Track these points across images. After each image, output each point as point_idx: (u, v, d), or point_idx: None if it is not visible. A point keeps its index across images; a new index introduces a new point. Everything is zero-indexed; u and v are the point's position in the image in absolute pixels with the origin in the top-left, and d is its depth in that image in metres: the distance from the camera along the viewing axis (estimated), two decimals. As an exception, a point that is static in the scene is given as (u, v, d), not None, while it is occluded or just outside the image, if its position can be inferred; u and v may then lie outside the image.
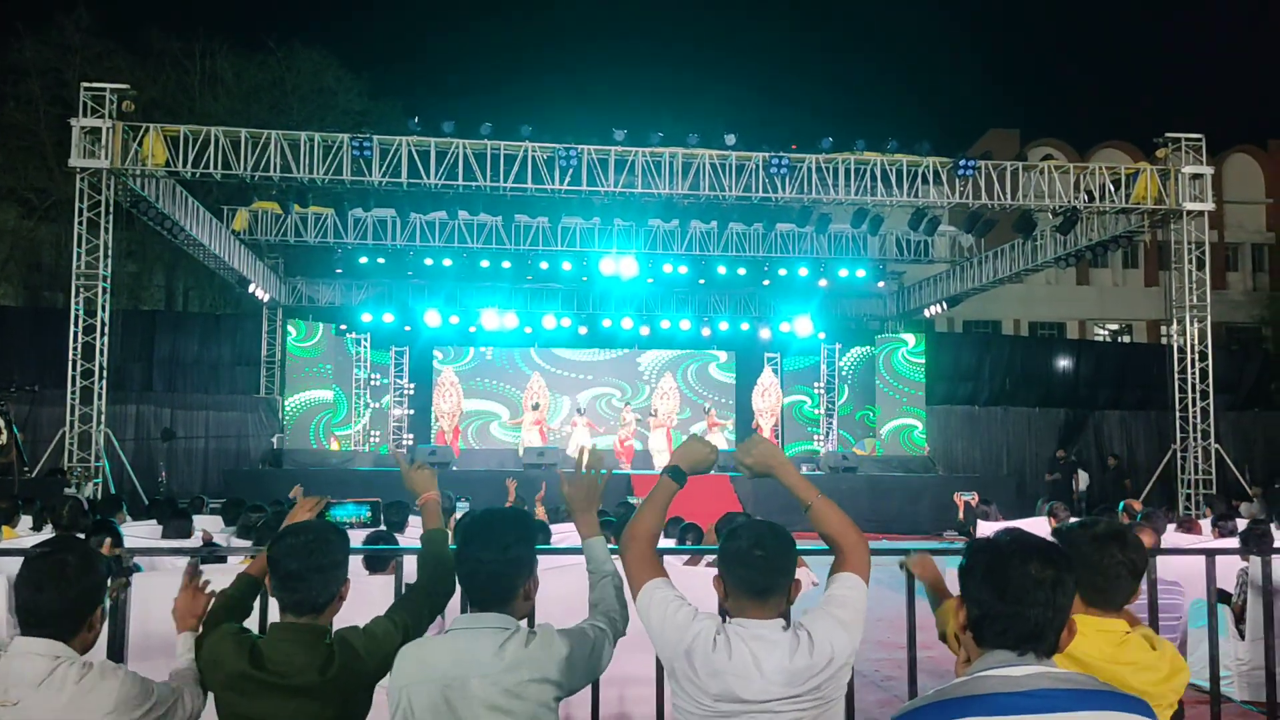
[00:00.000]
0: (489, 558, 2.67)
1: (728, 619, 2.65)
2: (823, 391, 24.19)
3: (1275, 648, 4.17)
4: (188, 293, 31.09)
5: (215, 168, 15.92)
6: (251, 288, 21.35)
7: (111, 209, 15.77)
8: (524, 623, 2.75)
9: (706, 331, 24.05)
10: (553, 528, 8.45)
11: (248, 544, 6.40)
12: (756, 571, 2.61)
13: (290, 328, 22.30)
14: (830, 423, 24.06)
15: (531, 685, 2.59)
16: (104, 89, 15.71)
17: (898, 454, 22.52)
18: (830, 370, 24.12)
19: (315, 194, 17.87)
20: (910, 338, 23.79)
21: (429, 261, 21.79)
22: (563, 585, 3.95)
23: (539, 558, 2.83)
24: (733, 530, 2.73)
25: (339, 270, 22.70)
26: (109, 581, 2.99)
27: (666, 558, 4.34)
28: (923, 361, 23.39)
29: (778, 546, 2.64)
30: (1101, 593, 2.73)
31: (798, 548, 2.73)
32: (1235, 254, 38.06)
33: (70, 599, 2.64)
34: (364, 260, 21.86)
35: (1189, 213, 17.90)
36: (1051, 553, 1.99)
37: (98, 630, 2.74)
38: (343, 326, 22.82)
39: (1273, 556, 6.40)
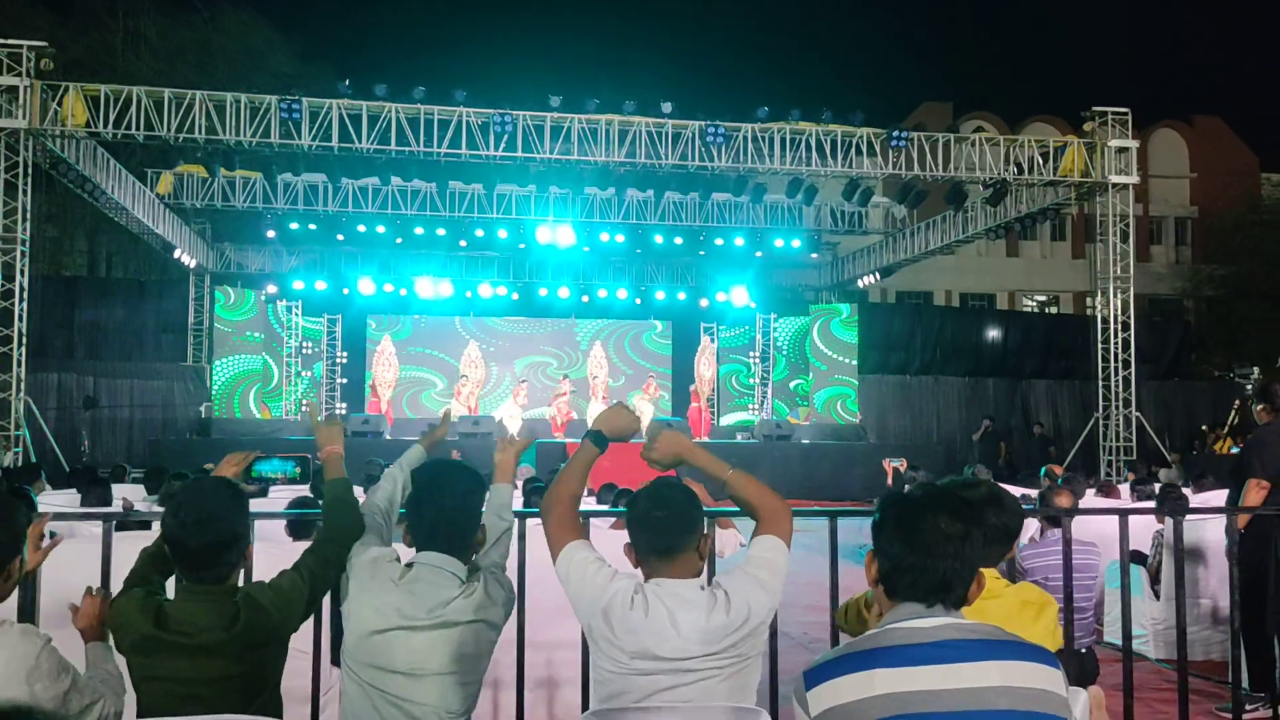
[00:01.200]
0: (450, 505, 2.82)
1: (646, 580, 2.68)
2: (757, 361, 24.38)
3: (1186, 606, 4.32)
4: (111, 258, 30.29)
5: (138, 129, 15.49)
6: (177, 253, 20.88)
7: (30, 171, 15.34)
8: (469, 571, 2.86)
9: (642, 302, 24.07)
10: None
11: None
12: (657, 533, 2.65)
13: (219, 294, 21.85)
14: (765, 392, 24.27)
15: (483, 629, 2.76)
16: (21, 46, 15.20)
17: (830, 423, 22.82)
18: (765, 340, 24.30)
19: (243, 158, 17.45)
20: (844, 308, 24.06)
21: (361, 228, 21.45)
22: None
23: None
24: (634, 495, 2.78)
25: (269, 236, 22.23)
26: (41, 537, 3.00)
27: (595, 521, 4.37)
28: (856, 331, 23.68)
29: (678, 505, 2.68)
30: None
31: (724, 509, 2.77)
32: (1159, 227, 39.01)
33: None
34: (294, 226, 21.46)
35: (1114, 186, 18.28)
36: (961, 507, 2.03)
37: (14, 580, 2.65)
38: (272, 290, 22.39)
39: (1185, 519, 6.63)
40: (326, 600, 4.70)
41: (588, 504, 6.77)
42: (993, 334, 27.73)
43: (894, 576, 2.02)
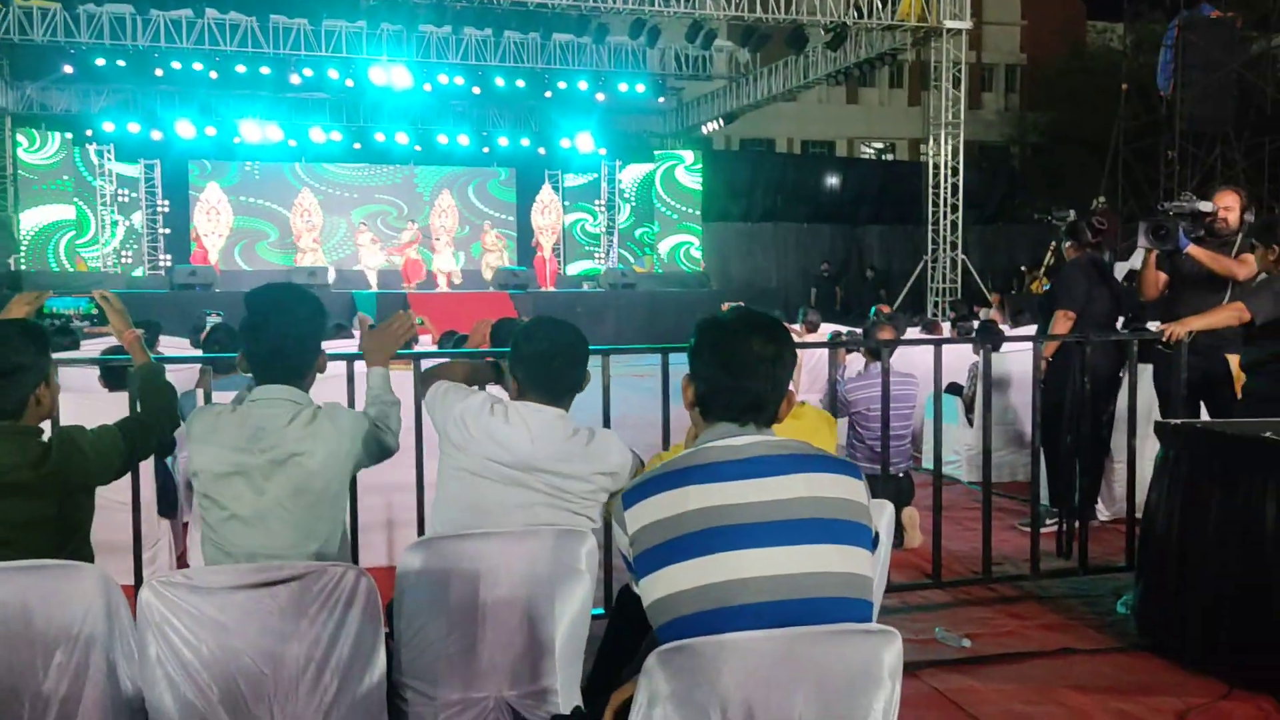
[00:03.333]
0: (291, 331, 2.71)
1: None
2: (603, 209, 24.22)
3: (993, 431, 4.60)
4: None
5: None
6: (-31, 92, 19.09)
7: None
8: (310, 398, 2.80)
9: (486, 149, 23.42)
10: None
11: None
12: (554, 378, 2.77)
13: (20, 137, 20.16)
14: (611, 241, 24.23)
15: (327, 454, 2.68)
16: None
17: (676, 271, 23.04)
18: (611, 188, 24.11)
19: (37, -16, 15.86)
20: (689, 155, 24.00)
21: (177, 65, 19.89)
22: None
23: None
24: (530, 331, 2.83)
25: (72, 73, 20.43)
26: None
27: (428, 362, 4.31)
28: (700, 179, 23.73)
29: (577, 349, 2.82)
30: None
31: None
32: (990, 75, 40.00)
33: None
34: (101, 63, 19.73)
35: (948, 31, 18.58)
36: (774, 329, 2.07)
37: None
38: (88, 133, 20.78)
39: (1000, 351, 7.02)
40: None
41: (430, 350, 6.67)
42: (831, 181, 28.25)
43: (709, 398, 2.06)
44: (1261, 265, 4.68)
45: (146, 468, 4.21)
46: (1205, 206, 5.12)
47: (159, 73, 20.22)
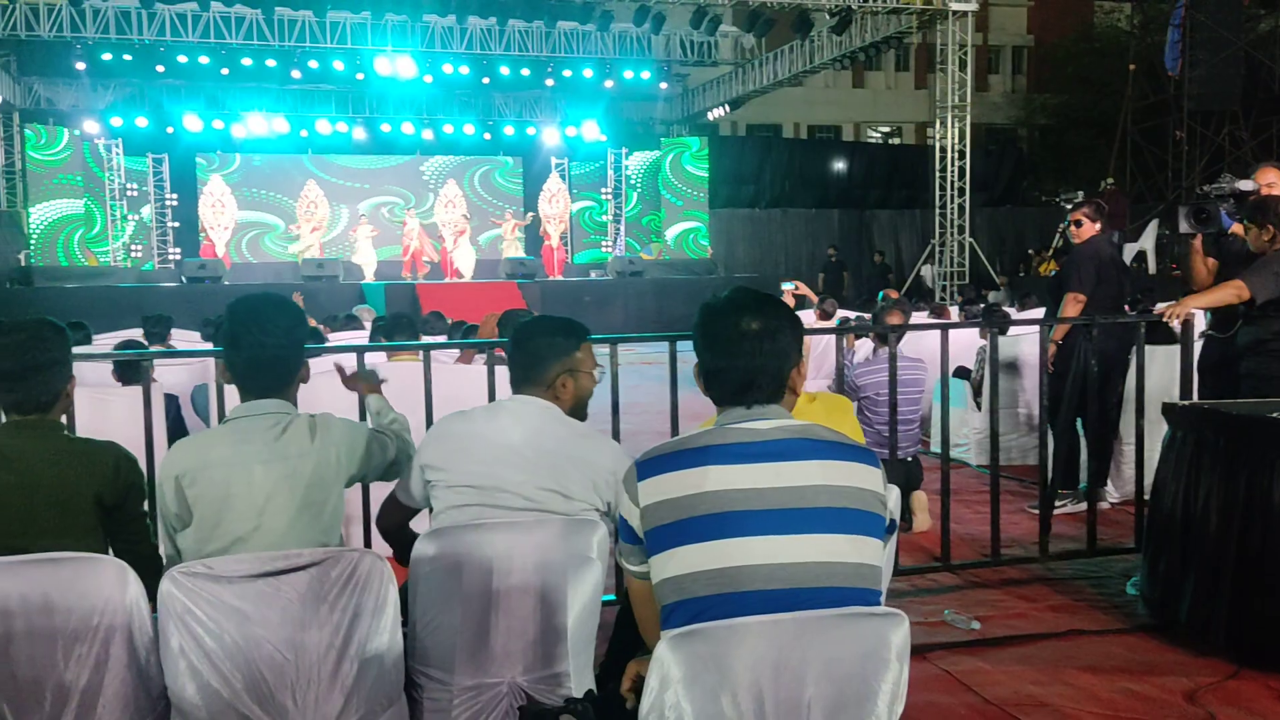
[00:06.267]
0: (272, 341, 2.64)
1: None
2: (610, 197, 24.20)
3: (1001, 414, 4.62)
4: (-99, 95, 27.53)
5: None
6: (-22, 89, 19.13)
7: None
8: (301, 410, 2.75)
9: (490, 137, 23.42)
10: (330, 335, 8.29)
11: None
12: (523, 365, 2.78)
13: (29, 134, 20.21)
14: (618, 228, 24.21)
15: (318, 464, 2.62)
16: None
17: (682, 257, 23.01)
18: (617, 175, 24.09)
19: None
20: (694, 142, 23.95)
21: (183, 59, 19.93)
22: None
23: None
24: (521, 327, 2.87)
25: (79, 68, 20.47)
26: None
27: (437, 354, 4.34)
28: (707, 165, 23.68)
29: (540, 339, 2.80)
30: None
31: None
32: (997, 56, 39.81)
33: None
34: (108, 57, 19.77)
35: (954, 13, 18.49)
36: (762, 305, 2.05)
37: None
38: (92, 128, 20.80)
39: (1008, 334, 7.03)
40: (164, 445, 4.59)
41: (437, 339, 6.71)
42: (838, 166, 28.17)
43: (709, 381, 2.07)
44: (1255, 245, 4.63)
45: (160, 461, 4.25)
46: (1246, 185, 4.99)
47: (164, 68, 20.27)
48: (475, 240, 21.47)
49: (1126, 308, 7.03)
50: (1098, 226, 5.91)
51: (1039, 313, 9.26)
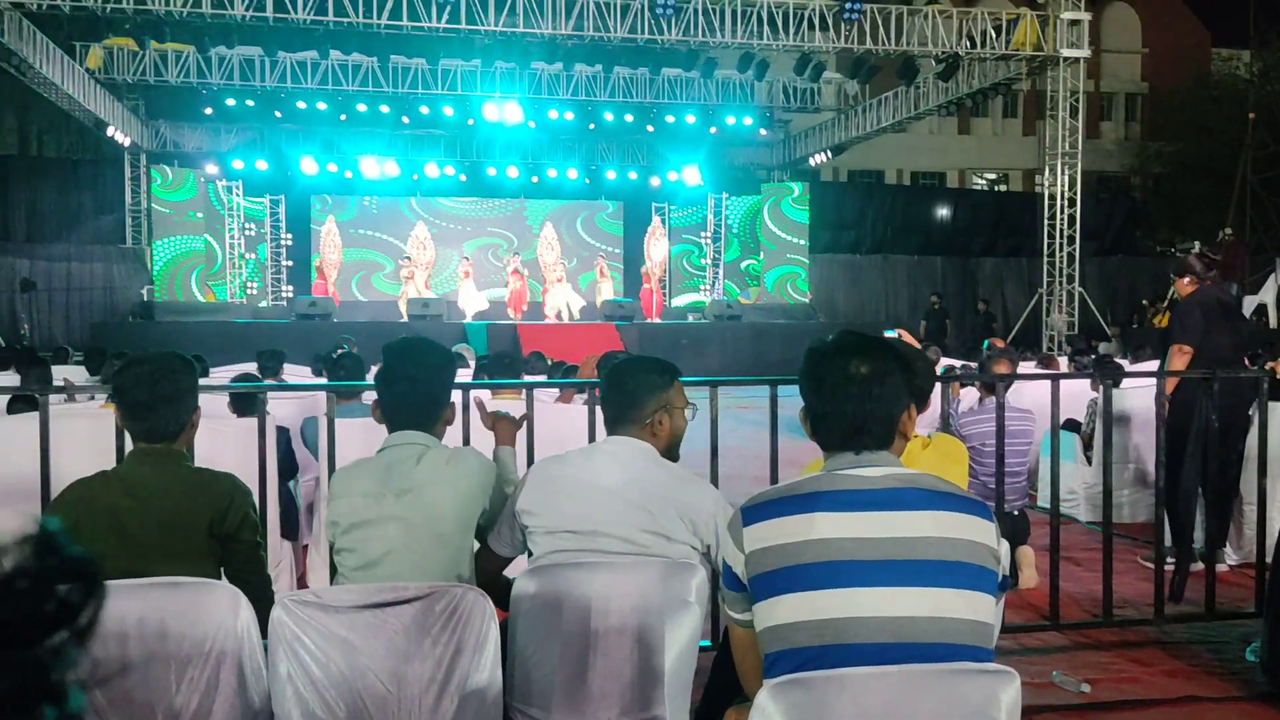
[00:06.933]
0: (423, 376, 2.79)
1: None
2: (709, 242, 24.29)
3: (1114, 469, 4.46)
4: (42, 136, 29.22)
5: (62, -2, 14.80)
6: (110, 130, 20.17)
7: (-49, 45, 14.65)
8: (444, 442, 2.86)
9: (591, 181, 23.76)
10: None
11: (100, 383, 6.23)
12: (620, 404, 2.78)
13: (155, 174, 21.22)
14: (716, 273, 24.26)
15: (454, 494, 2.70)
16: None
17: (780, 303, 22.91)
18: (717, 220, 24.17)
19: (174, 29, 16.79)
20: (795, 187, 23.91)
21: (302, 105, 20.79)
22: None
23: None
24: (615, 366, 2.89)
25: (206, 113, 21.49)
26: None
27: (538, 393, 4.39)
28: (807, 211, 23.60)
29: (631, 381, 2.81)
30: None
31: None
32: (1109, 103, 38.98)
33: None
34: (231, 103, 20.75)
35: (1066, 60, 18.19)
36: (871, 348, 2.01)
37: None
38: (212, 170, 21.75)
39: (1121, 387, 6.81)
40: (274, 476, 4.71)
41: (538, 379, 6.79)
42: (942, 212, 27.82)
43: (816, 425, 2.03)
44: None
45: (271, 492, 4.37)
46: None
47: (282, 113, 21.14)
48: (574, 282, 21.74)
49: (1246, 361, 6.76)
50: (1206, 278, 5.73)
51: (1153, 365, 8.96)
